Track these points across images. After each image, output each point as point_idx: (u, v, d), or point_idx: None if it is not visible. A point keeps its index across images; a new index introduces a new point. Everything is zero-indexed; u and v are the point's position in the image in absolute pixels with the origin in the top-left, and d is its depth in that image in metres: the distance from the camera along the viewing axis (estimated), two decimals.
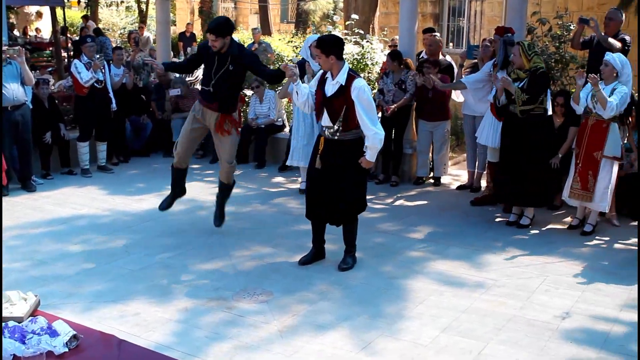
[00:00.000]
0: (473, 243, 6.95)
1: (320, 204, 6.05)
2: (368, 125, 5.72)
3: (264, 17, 22.89)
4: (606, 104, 6.76)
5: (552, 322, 5.17)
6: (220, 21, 6.56)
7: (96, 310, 5.26)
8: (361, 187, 6.09)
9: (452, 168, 10.19)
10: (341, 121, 5.81)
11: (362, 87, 5.72)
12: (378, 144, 5.76)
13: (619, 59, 7.00)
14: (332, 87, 5.82)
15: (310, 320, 5.14)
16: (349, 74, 5.79)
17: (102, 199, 8.48)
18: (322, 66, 5.89)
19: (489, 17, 16.36)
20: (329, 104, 5.83)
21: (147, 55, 12.67)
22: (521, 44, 7.24)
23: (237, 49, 6.56)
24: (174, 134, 10.95)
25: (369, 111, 5.75)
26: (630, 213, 7.79)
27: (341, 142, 5.89)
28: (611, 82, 6.98)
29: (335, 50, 5.76)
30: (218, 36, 6.34)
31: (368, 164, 5.91)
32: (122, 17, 30.88)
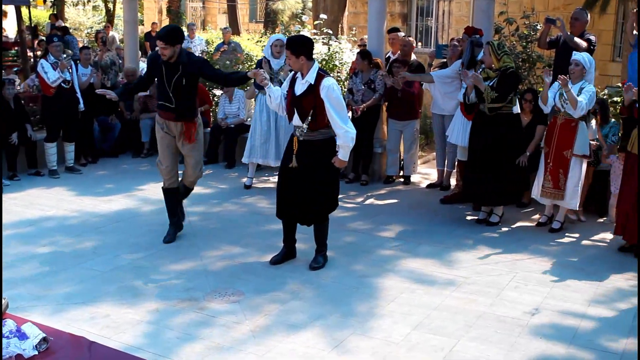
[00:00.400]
0: (443, 241, 6.99)
1: (291, 203, 6.05)
2: (339, 124, 5.73)
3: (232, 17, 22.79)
4: (576, 104, 6.84)
5: (522, 318, 5.23)
6: (170, 29, 6.50)
7: (66, 312, 5.20)
8: (333, 187, 6.10)
9: (421, 167, 10.25)
10: (310, 120, 5.81)
11: (331, 85, 5.74)
12: (350, 142, 5.77)
13: (588, 58, 7.13)
14: (302, 87, 5.83)
15: (282, 319, 5.14)
16: (318, 73, 5.82)
17: (70, 200, 8.39)
18: (293, 67, 5.89)
19: (456, 16, 16.48)
20: (298, 103, 5.84)
21: (114, 54, 12.55)
22: (491, 43, 7.31)
23: (186, 56, 6.50)
24: (143, 134, 10.89)
25: (339, 110, 5.76)
26: (597, 210, 7.90)
27: (312, 142, 5.89)
28: (578, 82, 7.08)
29: (305, 50, 5.77)
30: (167, 44, 6.25)
31: (341, 164, 5.91)
32: (89, 17, 30.55)
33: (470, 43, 8.00)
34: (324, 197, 6.01)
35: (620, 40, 14.08)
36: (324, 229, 6.20)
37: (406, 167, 9.43)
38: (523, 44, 9.19)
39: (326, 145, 5.91)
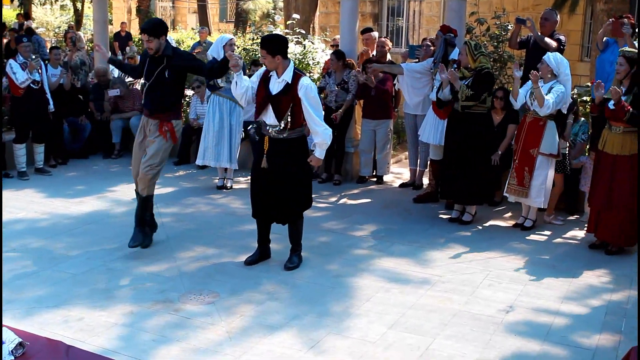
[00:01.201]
0: (417, 240, 7.02)
1: (266, 203, 6.04)
2: (317, 122, 5.77)
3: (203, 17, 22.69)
4: (543, 102, 6.89)
5: (496, 316, 5.27)
6: (154, 21, 6.46)
7: (38, 315, 5.12)
8: (307, 185, 6.10)
9: (393, 166, 10.28)
10: (288, 119, 5.81)
11: (309, 85, 5.78)
12: (328, 140, 5.82)
13: (554, 58, 7.16)
14: (278, 85, 5.81)
15: (258, 320, 5.12)
16: (295, 72, 5.81)
17: (40, 202, 8.28)
18: (268, 66, 5.86)
19: (427, 17, 16.57)
20: (275, 102, 5.81)
21: (84, 54, 12.42)
22: (468, 43, 7.37)
23: (172, 50, 6.41)
24: (114, 135, 10.80)
25: (317, 108, 5.81)
26: (567, 208, 7.99)
27: (286, 140, 5.90)
28: (549, 81, 7.13)
29: (280, 49, 5.76)
30: (151, 36, 6.19)
31: (317, 162, 5.94)
32: (57, 16, 30.22)
33: (443, 41, 8.05)
34: (298, 195, 6.01)
35: (588, 41, 14.25)
36: (299, 228, 6.20)
37: (379, 167, 9.46)
38: (494, 44, 9.27)
39: (299, 143, 5.94)
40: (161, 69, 6.31)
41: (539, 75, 6.92)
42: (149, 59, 6.37)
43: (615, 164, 6.65)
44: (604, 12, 10.53)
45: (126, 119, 10.76)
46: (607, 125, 6.76)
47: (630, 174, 6.58)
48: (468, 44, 7.34)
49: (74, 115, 10.61)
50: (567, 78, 7.14)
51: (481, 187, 7.48)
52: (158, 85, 6.35)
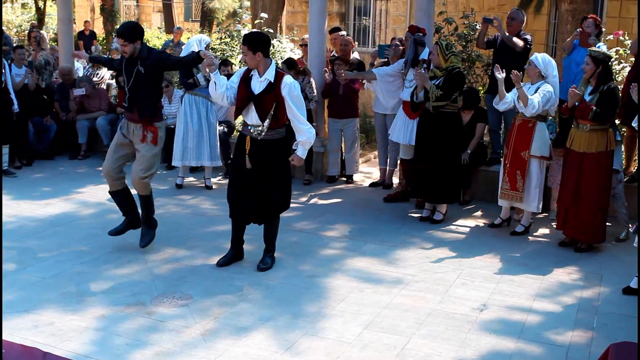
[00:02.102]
0: (388, 239, 7.03)
1: (245, 204, 5.99)
2: (302, 120, 5.78)
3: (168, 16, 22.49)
4: (527, 102, 6.85)
5: (470, 314, 5.30)
6: (129, 25, 6.35)
7: (7, 320, 5.01)
8: (287, 186, 6.07)
9: (362, 166, 10.30)
10: (270, 119, 5.77)
11: (293, 83, 5.76)
12: (312, 138, 5.84)
13: (542, 59, 7.07)
14: (260, 85, 5.77)
15: (233, 322, 5.08)
16: (277, 71, 5.78)
17: (6, 205, 8.10)
18: (249, 64, 5.81)
19: (394, 16, 16.61)
20: (258, 101, 5.77)
21: (49, 54, 12.23)
22: (439, 43, 7.38)
23: (146, 51, 6.30)
24: (80, 136, 10.64)
25: (301, 107, 5.80)
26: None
27: (268, 141, 5.86)
28: (537, 82, 7.07)
29: (262, 47, 5.72)
30: (127, 40, 6.10)
31: (299, 161, 5.93)
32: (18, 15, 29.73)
33: (413, 41, 8.07)
34: (278, 195, 5.98)
35: (553, 40, 14.41)
36: (274, 229, 6.18)
37: (348, 166, 9.46)
38: (462, 43, 9.32)
39: (280, 144, 5.92)
40: (137, 70, 6.23)
41: (520, 75, 6.90)
42: (125, 61, 6.29)
43: (582, 161, 6.71)
44: (568, 13, 10.63)
45: (92, 119, 10.61)
46: (575, 124, 6.82)
47: (598, 171, 6.66)
48: (439, 44, 7.36)
49: (38, 115, 10.44)
50: (555, 79, 7.10)
51: (451, 186, 7.51)
52: (136, 87, 6.26)
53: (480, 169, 8.44)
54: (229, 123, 9.87)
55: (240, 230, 6.23)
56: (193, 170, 9.71)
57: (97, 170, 9.93)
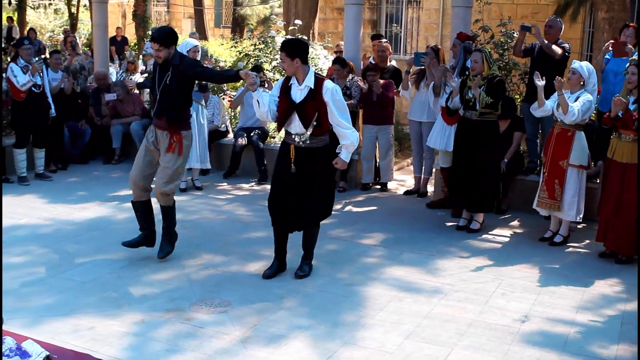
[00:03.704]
0: (426, 248, 6.96)
1: (287, 211, 5.90)
2: (344, 125, 5.71)
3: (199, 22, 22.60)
4: (567, 109, 6.74)
5: (512, 325, 5.21)
6: (164, 30, 6.33)
7: (47, 324, 5.03)
8: (329, 194, 6.02)
9: (396, 173, 10.22)
10: (314, 126, 5.71)
11: (334, 88, 5.69)
12: (355, 142, 5.77)
13: (587, 67, 6.97)
14: (301, 93, 5.71)
15: (272, 330, 5.04)
16: (317, 77, 5.72)
17: (42, 208, 8.17)
18: (287, 70, 5.77)
19: (425, 24, 16.54)
20: (300, 109, 5.71)
21: (83, 58, 12.32)
22: (484, 51, 7.31)
23: (179, 58, 6.28)
24: (114, 140, 10.69)
25: (343, 111, 5.73)
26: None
27: (312, 149, 5.79)
28: (577, 90, 6.97)
29: (300, 53, 5.65)
30: (162, 45, 6.09)
31: (343, 165, 5.86)
32: (51, 20, 30.07)
33: (463, 49, 8.02)
34: (320, 203, 5.91)
35: (588, 49, 14.26)
36: (314, 237, 6.10)
37: (383, 174, 9.40)
38: (499, 51, 9.22)
39: (324, 152, 5.84)
40: (168, 77, 6.22)
41: (563, 82, 6.81)
42: (158, 68, 6.30)
43: (625, 172, 6.61)
44: (605, 21, 10.52)
45: (126, 124, 10.65)
46: (617, 134, 6.71)
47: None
48: (484, 51, 7.28)
49: (73, 120, 10.50)
50: (595, 88, 7.02)
51: (490, 195, 7.42)
52: (165, 94, 6.24)
53: (517, 178, 8.34)
54: (262, 129, 9.87)
55: (283, 241, 6.11)
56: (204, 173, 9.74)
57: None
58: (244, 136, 9.75)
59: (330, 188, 6.04)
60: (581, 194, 7.11)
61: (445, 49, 9.91)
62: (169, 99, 6.25)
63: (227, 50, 17.08)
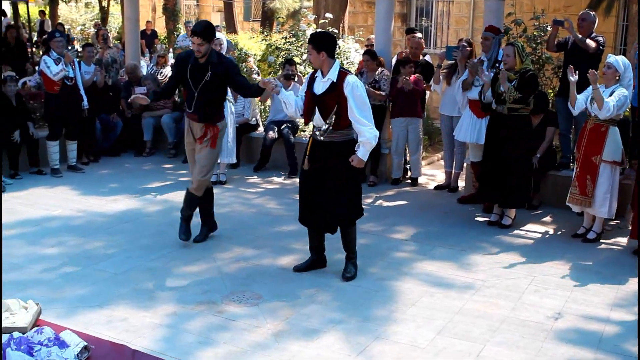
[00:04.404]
0: (457, 243, 6.92)
1: (313, 209, 5.84)
2: (362, 121, 5.53)
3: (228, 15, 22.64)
4: (602, 104, 6.64)
5: (545, 322, 5.16)
6: (206, 24, 6.38)
7: (82, 315, 5.09)
8: (356, 192, 5.84)
9: (426, 168, 10.19)
10: (332, 120, 5.62)
11: (355, 82, 5.57)
12: (372, 140, 5.57)
13: (622, 61, 6.86)
14: (323, 85, 5.66)
15: (304, 323, 5.04)
16: (341, 71, 5.64)
17: (75, 200, 8.26)
18: (313, 63, 5.74)
19: (456, 17, 16.43)
20: (320, 102, 5.65)
21: (115, 52, 12.41)
22: (516, 44, 7.23)
23: (216, 56, 6.38)
24: (145, 133, 10.76)
25: (363, 108, 5.56)
26: None
27: (332, 144, 5.68)
28: (612, 85, 6.85)
29: (327, 46, 5.61)
30: (204, 40, 6.15)
31: (359, 163, 5.64)
32: (81, 14, 30.33)
33: (498, 42, 7.94)
34: (345, 202, 5.76)
35: (621, 43, 14.06)
36: (351, 236, 5.96)
37: (413, 168, 9.37)
38: (532, 45, 9.12)
39: (347, 147, 5.67)
40: (207, 76, 6.29)
41: (597, 75, 6.69)
42: (191, 65, 6.31)
43: None
44: None
45: (157, 117, 10.71)
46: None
47: None
48: (517, 45, 7.20)
49: (105, 112, 10.59)
50: (630, 83, 6.90)
51: (523, 191, 7.35)
52: (204, 92, 6.32)
53: (549, 174, 8.26)
54: (292, 122, 9.87)
55: (317, 237, 6.05)
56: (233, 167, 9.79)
57: (161, 167, 10.08)
58: (274, 129, 9.76)
59: (356, 186, 5.86)
60: (614, 190, 6.98)
61: (476, 43, 9.83)
62: (207, 97, 6.35)
63: (256, 43, 17.08)
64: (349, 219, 5.87)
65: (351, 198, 5.81)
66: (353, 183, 5.80)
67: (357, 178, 5.85)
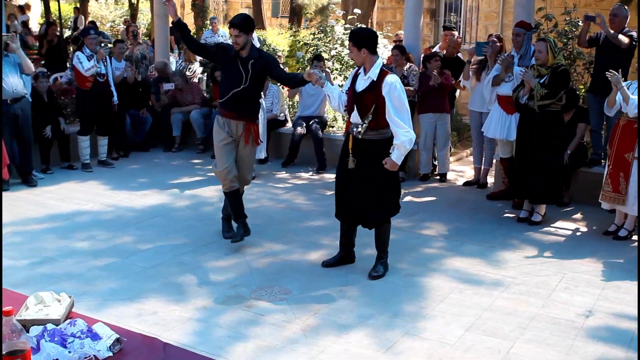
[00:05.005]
0: (487, 240, 6.88)
1: (349, 205, 5.82)
2: (398, 123, 5.45)
3: (257, 11, 22.66)
4: (629, 100, 6.57)
5: (576, 320, 5.11)
6: (244, 16, 6.41)
7: (113, 308, 5.14)
8: (394, 189, 5.80)
9: (455, 164, 10.14)
10: (370, 118, 5.56)
11: (394, 83, 5.48)
12: (407, 144, 5.48)
13: None
14: (364, 83, 5.61)
15: (333, 319, 5.05)
16: (382, 70, 5.57)
17: (105, 194, 8.34)
18: (355, 60, 5.71)
19: (485, 12, 16.30)
20: (359, 100, 5.61)
21: (144, 48, 12.50)
22: (549, 40, 7.16)
23: (257, 52, 6.37)
24: (174, 128, 10.84)
25: (400, 109, 5.47)
26: None
27: (369, 141, 5.62)
28: None
29: (368, 43, 5.55)
30: (242, 31, 6.13)
31: (393, 166, 5.55)
32: (111, 10, 30.58)
33: (529, 38, 7.88)
34: (383, 199, 5.72)
35: None
36: (385, 234, 5.91)
37: (441, 164, 9.33)
38: (564, 40, 9.03)
39: (385, 145, 5.61)
40: (246, 73, 6.23)
41: (616, 76, 6.57)
42: (231, 58, 6.27)
43: None
44: None
45: (186, 113, 10.78)
46: None
47: None
48: (549, 40, 7.13)
49: (135, 108, 10.68)
50: None
51: (554, 187, 7.28)
52: (243, 89, 6.26)
53: (580, 170, 8.18)
54: (321, 118, 9.88)
55: (348, 233, 6.03)
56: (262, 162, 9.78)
57: (190, 163, 10.14)
58: (302, 125, 9.77)
59: (395, 183, 5.81)
60: None
61: (506, 38, 9.76)
62: (247, 93, 6.31)
63: (285, 39, 17.09)
64: (384, 216, 5.83)
65: (387, 195, 5.76)
66: (390, 181, 5.74)
67: (394, 176, 5.77)
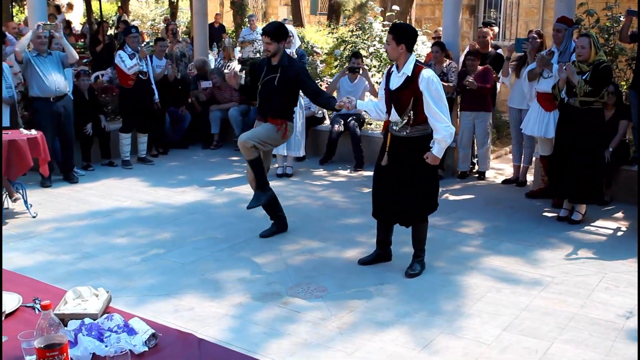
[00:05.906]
0: (525, 239, 6.80)
1: (387, 203, 5.80)
2: (439, 117, 5.41)
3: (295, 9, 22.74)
4: None
5: (616, 321, 5.03)
6: (276, 25, 6.50)
7: (150, 303, 5.20)
8: (432, 186, 5.75)
9: (494, 162, 10.04)
10: (409, 115, 5.52)
11: (431, 77, 5.44)
12: (448, 138, 5.45)
13: None
14: (398, 80, 5.57)
15: (369, 316, 5.03)
16: (416, 65, 5.53)
17: (144, 191, 8.44)
18: (390, 54, 5.65)
19: (526, 8, 16.10)
20: (395, 97, 5.57)
21: (184, 46, 12.61)
22: (592, 35, 7.04)
23: (288, 60, 6.43)
24: (213, 126, 10.92)
25: (439, 103, 5.43)
26: None
27: (409, 139, 5.58)
28: None
29: (407, 39, 5.50)
30: (272, 39, 6.24)
31: (434, 160, 5.53)
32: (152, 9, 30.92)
33: (570, 34, 7.78)
34: (421, 197, 5.69)
35: None
36: (422, 232, 5.88)
37: (481, 162, 9.24)
38: (605, 36, 8.89)
39: (424, 142, 5.56)
40: (275, 79, 6.36)
41: None
42: (266, 66, 6.44)
43: None
44: None
45: (225, 110, 10.85)
46: None
47: None
48: (592, 36, 7.02)
49: (174, 105, 10.77)
50: None
51: (595, 186, 7.17)
52: (271, 94, 6.39)
53: (621, 169, 8.04)
54: (359, 115, 9.86)
55: (385, 231, 6.03)
56: (299, 160, 9.84)
57: (228, 160, 10.21)
58: (340, 122, 9.77)
59: (434, 181, 5.77)
60: None
61: (547, 34, 9.63)
62: (274, 99, 6.40)
63: (323, 37, 17.11)
64: (422, 214, 5.80)
65: (426, 193, 5.72)
66: (429, 178, 5.70)
67: (433, 173, 5.73)
